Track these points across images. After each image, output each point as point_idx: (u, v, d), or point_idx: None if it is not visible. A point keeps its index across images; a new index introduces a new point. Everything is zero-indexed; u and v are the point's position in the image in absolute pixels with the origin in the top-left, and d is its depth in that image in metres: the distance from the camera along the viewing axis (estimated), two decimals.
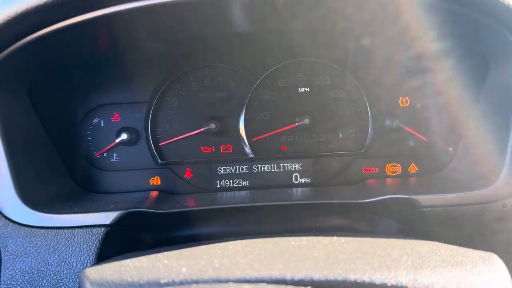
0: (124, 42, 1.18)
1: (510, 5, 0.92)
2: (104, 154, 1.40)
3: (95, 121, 1.39)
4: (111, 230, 1.03)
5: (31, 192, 1.09)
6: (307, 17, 1.13)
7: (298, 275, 0.61)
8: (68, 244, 1.01)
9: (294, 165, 1.41)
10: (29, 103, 1.19)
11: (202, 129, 1.38)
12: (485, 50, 1.16)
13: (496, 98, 1.17)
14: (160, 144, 1.41)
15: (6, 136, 1.07)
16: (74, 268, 0.99)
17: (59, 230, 1.02)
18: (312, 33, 1.29)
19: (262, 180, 1.41)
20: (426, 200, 1.09)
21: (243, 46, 1.38)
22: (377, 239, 0.83)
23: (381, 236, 0.90)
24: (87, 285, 0.68)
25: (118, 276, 0.68)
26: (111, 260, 0.81)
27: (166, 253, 0.78)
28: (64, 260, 0.99)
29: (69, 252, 1.00)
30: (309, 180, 1.40)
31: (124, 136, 1.36)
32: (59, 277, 0.98)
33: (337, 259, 0.67)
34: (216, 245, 0.81)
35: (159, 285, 0.64)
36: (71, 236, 1.01)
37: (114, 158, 1.40)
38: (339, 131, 1.41)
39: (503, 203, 1.07)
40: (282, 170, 1.41)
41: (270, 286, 0.60)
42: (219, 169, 1.41)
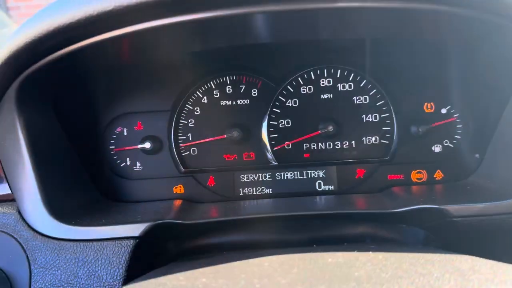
0: (148, 54, 1.18)
1: None
2: (127, 162, 1.40)
3: (118, 130, 1.39)
4: (140, 241, 1.03)
5: (58, 204, 1.09)
6: (331, 26, 1.12)
7: None
8: (97, 257, 1.00)
9: (318, 172, 1.40)
10: (53, 115, 1.20)
11: (225, 135, 1.38)
12: None
13: None
14: (181, 149, 1.40)
15: (33, 149, 1.07)
16: (103, 281, 0.99)
17: (88, 243, 1.02)
18: (334, 39, 1.28)
19: (285, 187, 1.40)
20: (456, 210, 1.07)
21: (265, 53, 1.37)
22: (413, 254, 0.82)
23: (415, 249, 0.89)
24: None
25: None
26: (146, 277, 0.80)
27: (201, 270, 0.77)
28: (93, 273, 0.99)
29: (98, 265, 1.00)
30: (332, 187, 1.39)
31: (147, 144, 1.36)
32: None
33: (380, 279, 0.65)
34: (250, 261, 0.80)
35: None
36: (100, 248, 1.01)
37: (138, 167, 1.40)
38: (363, 138, 1.39)
39: None
40: (305, 177, 1.40)
41: None
42: (242, 176, 1.40)
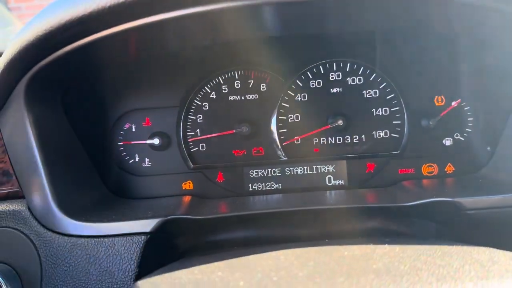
0: (156, 49, 1.17)
1: None
2: (136, 159, 1.39)
3: (127, 126, 1.39)
4: (150, 237, 1.02)
5: (68, 200, 1.09)
6: (340, 19, 1.10)
7: None
8: (108, 253, 1.00)
9: (328, 167, 1.39)
10: (62, 112, 1.19)
11: (234, 130, 1.37)
12: None
13: None
14: (190, 145, 1.39)
15: (42, 145, 1.07)
16: (115, 277, 0.98)
17: (99, 239, 1.01)
18: (343, 33, 1.27)
19: (295, 182, 1.39)
20: (470, 202, 1.06)
21: (273, 48, 1.36)
22: (429, 246, 0.81)
23: (431, 242, 0.88)
24: None
25: None
26: (160, 271, 0.80)
27: (216, 264, 0.76)
28: (105, 269, 0.99)
29: (110, 261, 0.99)
30: (342, 182, 1.38)
31: (156, 140, 1.35)
32: (101, 286, 0.98)
33: (399, 271, 0.64)
34: (265, 255, 0.79)
35: None
36: (112, 245, 1.00)
37: (146, 163, 1.39)
38: (374, 132, 1.38)
39: None
40: (315, 172, 1.39)
41: None
42: (251, 172, 1.39)
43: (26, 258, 1.03)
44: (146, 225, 1.02)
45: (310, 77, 1.38)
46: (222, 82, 1.39)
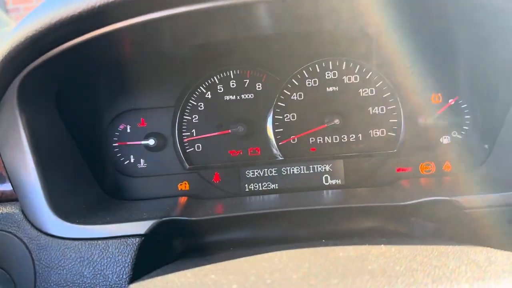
0: (149, 48, 1.16)
1: None
2: (131, 160, 1.38)
3: (121, 127, 1.38)
4: (145, 239, 1.01)
5: (62, 202, 1.08)
6: (334, 17, 1.09)
7: None
8: (102, 255, 0.99)
9: (324, 166, 1.38)
10: (56, 113, 1.18)
11: (230, 130, 1.36)
12: None
13: None
14: (186, 145, 1.38)
15: (35, 147, 1.06)
16: (109, 280, 0.97)
17: (93, 242, 1.00)
18: (338, 31, 1.26)
19: (291, 182, 1.38)
20: (468, 201, 1.05)
21: (269, 47, 1.35)
22: (426, 246, 0.80)
23: (428, 242, 0.87)
24: None
25: None
26: (153, 274, 0.79)
27: (209, 266, 0.75)
28: (99, 272, 0.98)
29: (104, 263, 0.98)
30: (340, 181, 1.37)
31: (151, 141, 1.34)
32: None
33: (394, 273, 0.63)
34: (260, 257, 0.78)
35: None
36: (106, 247, 0.99)
37: (142, 164, 1.38)
38: (370, 131, 1.37)
39: None
40: (312, 172, 1.38)
41: None
42: (248, 172, 1.38)
43: (19, 261, 1.01)
44: (141, 227, 1.01)
45: (306, 76, 1.37)
46: (217, 82, 1.38)
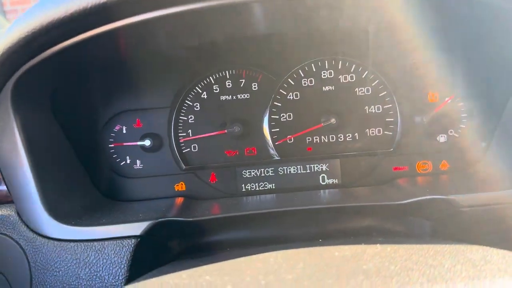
0: (144, 49, 1.15)
1: None
2: (127, 161, 1.38)
3: (117, 128, 1.37)
4: (141, 240, 1.01)
5: (58, 204, 1.07)
6: (330, 17, 1.09)
7: None
8: (98, 257, 0.98)
9: (321, 166, 1.37)
10: (51, 114, 1.18)
11: (225, 130, 1.35)
12: None
13: None
14: (182, 146, 1.38)
15: (30, 148, 1.05)
16: (105, 281, 0.97)
17: (89, 243, 1.00)
18: (334, 30, 1.25)
19: (288, 182, 1.37)
20: (464, 200, 1.05)
21: (264, 47, 1.35)
22: (421, 246, 0.80)
23: (424, 241, 0.87)
24: None
25: None
26: (148, 276, 0.78)
27: (205, 267, 0.75)
28: (95, 273, 0.97)
29: (100, 265, 0.98)
30: (336, 181, 1.37)
31: (147, 142, 1.34)
32: None
33: (389, 272, 0.63)
34: (255, 257, 0.78)
35: None
36: (101, 248, 0.99)
37: (138, 165, 1.38)
38: (367, 130, 1.36)
39: None
40: (308, 171, 1.37)
41: None
42: (244, 172, 1.38)
43: (15, 264, 1.01)
44: (136, 228, 1.01)
45: (302, 75, 1.37)
46: (213, 82, 1.38)
